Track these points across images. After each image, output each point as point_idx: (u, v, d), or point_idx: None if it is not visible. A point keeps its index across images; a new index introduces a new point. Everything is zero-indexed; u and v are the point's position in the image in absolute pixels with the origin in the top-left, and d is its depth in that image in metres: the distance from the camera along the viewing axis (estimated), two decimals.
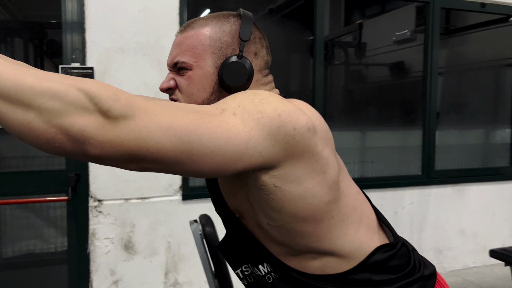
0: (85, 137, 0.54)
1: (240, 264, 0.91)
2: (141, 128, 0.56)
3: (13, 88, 0.53)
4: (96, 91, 0.55)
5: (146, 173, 2.67)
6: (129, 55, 2.60)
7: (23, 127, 0.54)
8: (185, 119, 0.60)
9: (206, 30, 0.80)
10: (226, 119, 0.63)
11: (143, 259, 2.71)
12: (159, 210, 2.72)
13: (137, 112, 0.56)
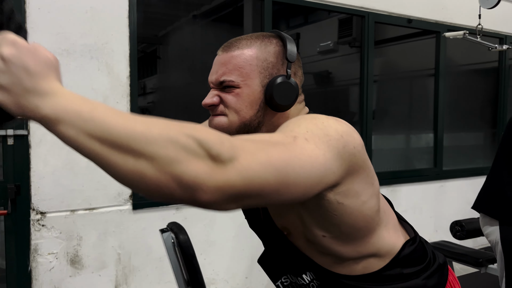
0: (197, 184, 0.53)
1: (280, 275, 0.94)
2: (246, 167, 0.56)
3: (124, 136, 0.51)
4: (204, 136, 0.54)
5: (94, 182, 2.54)
6: (75, 58, 2.46)
7: (133, 175, 0.52)
8: (276, 153, 0.61)
9: (252, 51, 0.83)
10: (303, 145, 0.66)
11: (91, 273, 2.56)
12: (108, 221, 2.59)
13: (240, 152, 0.57)
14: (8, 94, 0.52)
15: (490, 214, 1.91)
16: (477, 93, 4.59)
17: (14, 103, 0.52)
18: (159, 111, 3.07)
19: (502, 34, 4.36)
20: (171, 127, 0.54)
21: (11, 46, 0.53)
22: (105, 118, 0.52)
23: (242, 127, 0.84)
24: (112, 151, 0.52)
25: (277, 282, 0.98)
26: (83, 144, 0.52)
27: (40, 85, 0.53)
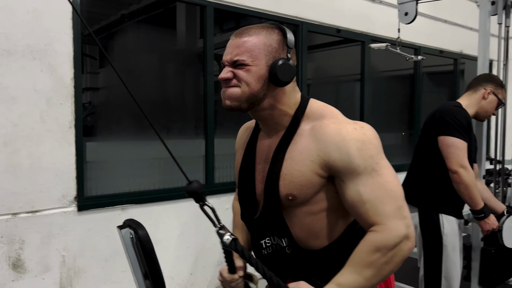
0: (406, 256, 0.98)
1: (265, 236, 1.11)
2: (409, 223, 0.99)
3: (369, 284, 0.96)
4: (391, 243, 0.95)
5: (37, 184, 2.50)
6: (16, 59, 2.42)
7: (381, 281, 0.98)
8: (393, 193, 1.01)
9: (259, 38, 1.01)
10: (384, 171, 1.00)
11: (34, 277, 2.52)
12: (52, 224, 2.57)
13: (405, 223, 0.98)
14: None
15: (411, 202, 2.22)
16: (396, 97, 5.09)
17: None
18: (100, 110, 3.07)
19: (417, 45, 4.89)
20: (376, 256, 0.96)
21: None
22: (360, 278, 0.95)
23: (250, 97, 1.02)
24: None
25: (261, 241, 1.14)
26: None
27: None
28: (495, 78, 2.29)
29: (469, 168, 2.03)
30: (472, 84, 2.29)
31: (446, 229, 2.11)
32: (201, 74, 3.29)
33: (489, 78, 2.27)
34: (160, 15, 3.29)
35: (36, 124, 2.50)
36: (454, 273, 2.12)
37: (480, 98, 2.22)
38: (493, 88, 2.23)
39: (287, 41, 1.03)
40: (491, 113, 2.27)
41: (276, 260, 1.13)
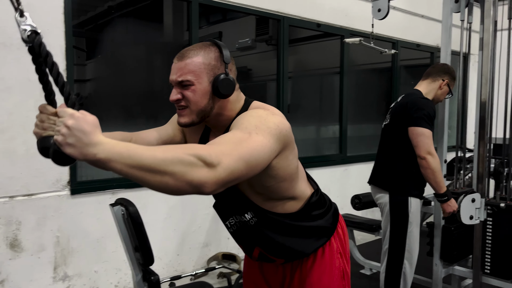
0: (201, 184, 0.85)
1: (228, 216, 1.29)
2: (228, 166, 0.89)
3: (151, 163, 0.82)
4: (199, 152, 0.86)
5: (32, 169, 2.66)
6: (12, 51, 2.57)
7: (160, 185, 0.84)
8: (241, 149, 0.95)
9: (199, 58, 1.14)
10: (255, 139, 1.00)
11: (30, 256, 2.69)
12: (46, 206, 2.74)
13: (221, 157, 0.89)
14: (74, 148, 0.82)
15: (382, 187, 2.44)
16: (374, 89, 5.32)
17: (79, 153, 0.82)
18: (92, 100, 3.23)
19: (394, 39, 5.11)
20: (178, 150, 0.86)
21: (71, 118, 0.83)
22: (135, 153, 0.83)
23: (200, 112, 1.16)
24: (145, 173, 0.82)
25: (226, 222, 1.33)
26: (127, 172, 0.83)
27: (93, 140, 0.83)
28: (451, 70, 2.51)
29: (435, 154, 2.26)
30: (431, 73, 2.51)
31: (413, 208, 2.34)
32: None
33: (447, 70, 2.49)
34: (147, 8, 3.44)
35: (31, 112, 2.65)
36: (415, 246, 2.36)
37: (437, 87, 2.45)
38: (448, 80, 2.46)
39: (223, 57, 1.16)
40: (441, 101, 2.54)
41: (243, 233, 1.32)
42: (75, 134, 0.82)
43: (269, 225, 1.26)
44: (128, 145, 0.85)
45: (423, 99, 2.36)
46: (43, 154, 0.98)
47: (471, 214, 2.31)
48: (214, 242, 3.59)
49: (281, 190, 1.22)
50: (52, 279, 2.79)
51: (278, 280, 1.39)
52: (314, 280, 1.32)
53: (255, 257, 1.36)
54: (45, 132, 0.97)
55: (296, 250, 1.29)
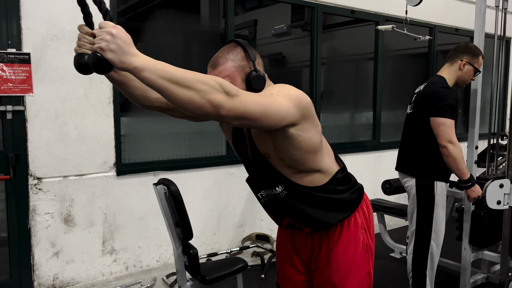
0: (220, 105, 1.02)
1: (260, 189, 1.44)
2: (243, 101, 1.07)
3: (182, 77, 0.99)
4: (223, 82, 1.03)
5: (83, 152, 2.91)
6: (64, 43, 2.80)
7: (186, 99, 1.00)
8: (260, 98, 1.12)
9: (230, 63, 1.28)
10: (275, 98, 1.16)
11: (82, 230, 2.96)
12: (95, 186, 2.99)
13: (240, 93, 1.07)
14: (114, 54, 0.95)
15: (409, 173, 2.51)
16: (409, 75, 5.28)
17: (118, 60, 0.96)
18: None
19: (432, 24, 5.04)
20: (205, 75, 1.02)
21: (114, 28, 0.97)
22: (170, 68, 0.98)
23: None
24: (175, 86, 0.98)
25: (258, 194, 1.47)
26: (158, 82, 0.97)
27: (131, 50, 0.97)
28: (471, 48, 2.48)
29: (457, 143, 2.30)
30: (450, 56, 2.51)
31: (438, 190, 2.40)
32: None
33: (465, 49, 2.48)
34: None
35: (81, 100, 2.89)
36: (441, 227, 2.42)
37: (457, 69, 2.46)
38: (468, 59, 2.44)
39: (249, 55, 1.29)
40: (468, 81, 2.52)
41: (273, 204, 1.46)
42: (117, 42, 0.95)
43: (298, 197, 1.39)
44: (160, 62, 0.99)
45: (444, 88, 2.37)
46: (78, 68, 1.10)
47: (498, 199, 2.35)
48: (248, 223, 3.77)
49: (307, 162, 1.34)
50: (101, 252, 3.05)
51: (307, 252, 1.53)
52: (339, 252, 1.44)
53: (284, 225, 1.50)
54: (80, 49, 1.11)
55: (321, 220, 1.42)
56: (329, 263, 1.46)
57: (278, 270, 1.68)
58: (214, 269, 2.28)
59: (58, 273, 2.90)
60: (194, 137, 3.56)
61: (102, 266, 3.07)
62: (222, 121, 1.08)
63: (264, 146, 1.34)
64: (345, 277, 1.45)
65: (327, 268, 1.47)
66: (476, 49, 2.50)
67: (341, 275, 1.45)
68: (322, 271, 1.48)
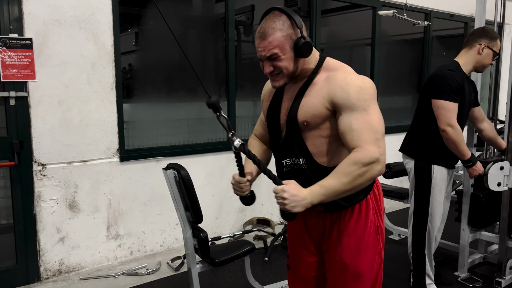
0: (375, 176, 1.28)
1: (286, 157, 1.47)
2: (383, 150, 1.29)
3: (344, 189, 1.26)
4: (366, 159, 1.24)
5: (86, 138, 2.91)
6: (65, 28, 2.77)
7: (354, 191, 1.29)
8: (378, 130, 1.31)
9: (277, 33, 1.32)
10: (373, 111, 1.32)
11: (86, 216, 2.98)
12: (99, 172, 3.00)
13: (378, 149, 1.27)
14: (297, 207, 1.25)
15: (409, 154, 2.56)
16: (405, 61, 5.32)
17: (301, 208, 1.25)
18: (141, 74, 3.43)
19: (427, 9, 5.07)
20: (353, 168, 1.25)
21: (284, 192, 1.25)
22: (330, 188, 1.25)
23: (290, 75, 1.38)
24: (343, 194, 1.27)
25: (282, 161, 1.50)
26: (335, 198, 1.28)
27: (302, 195, 1.25)
28: (489, 32, 2.49)
29: (456, 126, 2.32)
30: (468, 40, 2.51)
31: (435, 174, 2.44)
32: (223, 40, 3.61)
33: (483, 33, 2.48)
34: None
35: (84, 85, 2.88)
36: (437, 210, 2.47)
37: (476, 53, 2.46)
38: (487, 43, 2.44)
39: (296, 23, 1.33)
40: (488, 65, 2.51)
41: (294, 174, 1.48)
42: (292, 199, 1.24)
43: (316, 173, 1.43)
44: (321, 185, 1.26)
45: (448, 70, 2.39)
46: (247, 204, 1.59)
47: (499, 181, 2.41)
48: (249, 208, 3.81)
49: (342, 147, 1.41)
50: (106, 237, 3.08)
51: (319, 231, 1.57)
52: (351, 232, 1.49)
53: None
54: (244, 192, 1.55)
55: (335, 201, 1.46)
56: (341, 243, 1.50)
57: (289, 252, 1.72)
58: (223, 252, 2.32)
59: (64, 259, 2.92)
60: (196, 123, 3.57)
61: (107, 251, 3.10)
62: None
63: (309, 116, 1.39)
64: (357, 257, 1.50)
65: (339, 248, 1.51)
66: (494, 33, 2.49)
67: (352, 255, 1.49)
68: (334, 251, 1.52)
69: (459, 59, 2.50)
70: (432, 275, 2.58)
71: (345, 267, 1.49)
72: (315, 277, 1.64)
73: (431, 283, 2.58)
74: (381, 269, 1.55)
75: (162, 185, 3.27)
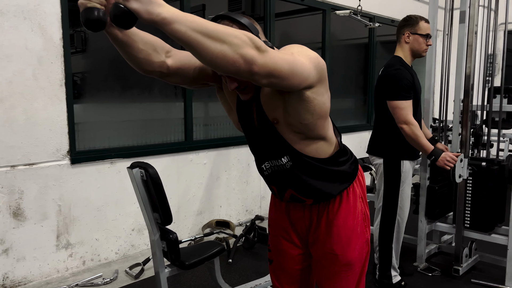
0: (252, 61, 0.95)
1: (264, 160, 1.39)
2: (273, 57, 1.00)
3: (214, 30, 0.91)
4: (251, 36, 0.97)
5: (33, 138, 2.66)
6: (8, 18, 2.53)
7: (219, 54, 0.92)
8: (287, 56, 1.07)
9: None
10: (298, 57, 1.11)
11: (33, 224, 2.72)
12: (48, 175, 2.75)
13: (267, 49, 1.00)
14: (140, 3, 0.87)
15: (378, 154, 2.60)
16: (352, 64, 5.50)
17: (144, 10, 0.87)
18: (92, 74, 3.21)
19: (372, 14, 5.28)
20: (236, 30, 0.95)
21: None
22: (200, 20, 0.90)
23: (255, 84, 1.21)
24: (207, 39, 0.90)
25: (262, 165, 1.43)
26: (189, 35, 0.89)
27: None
28: (408, 19, 2.54)
29: (413, 122, 2.39)
30: (396, 35, 2.59)
31: (404, 168, 2.52)
32: None
33: (403, 23, 2.56)
34: None
35: (29, 81, 2.64)
36: (407, 203, 2.56)
37: (405, 43, 2.53)
38: (409, 30, 2.51)
39: (250, 30, 1.21)
40: (423, 49, 2.55)
41: (277, 176, 1.43)
42: None
43: (303, 168, 1.38)
44: (188, 13, 0.91)
45: (396, 70, 2.45)
46: (87, 25, 0.97)
47: (460, 173, 2.53)
48: (207, 210, 3.70)
49: (317, 127, 1.32)
50: (55, 247, 2.83)
51: (304, 224, 1.52)
52: (340, 222, 1.46)
53: (286, 198, 1.48)
54: (89, 3, 0.97)
55: (324, 191, 1.42)
56: (330, 234, 1.47)
57: (271, 246, 1.66)
58: (192, 254, 2.21)
59: (8, 272, 2.63)
60: (152, 124, 3.42)
61: (57, 262, 2.84)
62: (252, 79, 1.01)
63: (274, 112, 1.30)
64: (347, 246, 1.47)
65: (328, 239, 1.47)
66: (413, 18, 2.54)
67: (342, 245, 1.47)
68: (323, 242, 1.49)
69: (397, 53, 2.57)
70: (397, 267, 2.65)
71: (336, 257, 1.46)
72: (300, 270, 1.59)
73: (396, 275, 2.64)
74: (368, 257, 1.54)
75: (117, 188, 3.08)
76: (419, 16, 2.55)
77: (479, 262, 2.97)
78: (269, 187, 1.53)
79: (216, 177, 3.73)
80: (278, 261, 1.64)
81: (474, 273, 2.86)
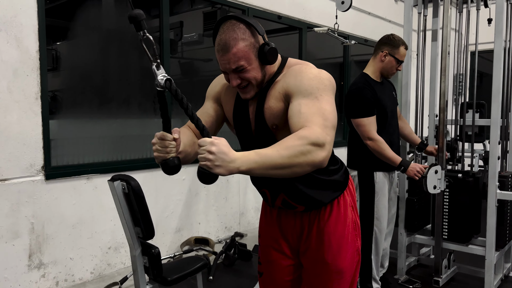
0: (321, 162, 1.11)
1: None
2: (331, 139, 1.14)
3: (282, 161, 1.06)
4: (312, 139, 1.09)
5: (5, 153, 2.56)
6: None
7: (291, 175, 1.10)
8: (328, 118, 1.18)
9: (240, 43, 1.23)
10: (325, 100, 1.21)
11: (4, 243, 2.59)
12: (20, 191, 2.64)
13: (324, 135, 1.12)
14: (221, 168, 1.02)
15: (352, 167, 2.64)
16: None
17: (225, 170, 1.03)
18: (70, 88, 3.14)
19: (346, 33, 5.43)
20: (296, 143, 1.08)
21: (213, 145, 1.02)
22: (266, 157, 1.05)
23: (258, 83, 1.31)
24: (279, 170, 1.07)
25: None
26: (265, 174, 1.07)
27: (232, 157, 1.03)
28: (392, 39, 2.57)
29: (376, 137, 2.44)
30: (374, 48, 2.63)
31: (378, 179, 2.55)
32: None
33: (385, 40, 2.58)
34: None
35: (3, 94, 2.55)
36: (383, 213, 2.58)
37: (379, 61, 2.57)
38: (388, 50, 2.54)
39: (257, 30, 1.27)
40: (393, 72, 2.60)
41: (270, 180, 1.43)
42: (219, 157, 1.02)
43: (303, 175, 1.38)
44: (257, 152, 1.06)
45: (356, 88, 2.50)
46: (169, 172, 1.18)
47: (434, 184, 2.58)
48: (186, 227, 3.63)
49: None
50: (27, 267, 2.69)
51: (296, 233, 1.51)
52: (331, 230, 1.46)
53: (277, 205, 1.47)
54: (168, 154, 1.17)
55: (316, 199, 1.43)
56: (321, 242, 1.47)
57: (261, 258, 1.64)
58: (174, 270, 2.15)
59: None
60: (131, 139, 3.36)
61: (29, 283, 2.71)
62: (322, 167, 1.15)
63: (275, 118, 1.32)
64: (338, 255, 1.47)
65: (320, 248, 1.47)
66: (397, 41, 2.57)
67: (333, 253, 1.46)
68: (314, 251, 1.48)
69: (367, 69, 2.62)
70: (378, 279, 2.65)
71: (327, 266, 1.45)
72: (290, 281, 1.58)
73: (378, 287, 2.64)
74: (359, 266, 1.54)
75: (94, 205, 2.99)
76: (401, 41, 2.59)
77: (457, 273, 3.02)
78: (261, 191, 1.52)
79: (195, 193, 3.68)
80: (268, 273, 1.62)
81: (453, 284, 2.91)
